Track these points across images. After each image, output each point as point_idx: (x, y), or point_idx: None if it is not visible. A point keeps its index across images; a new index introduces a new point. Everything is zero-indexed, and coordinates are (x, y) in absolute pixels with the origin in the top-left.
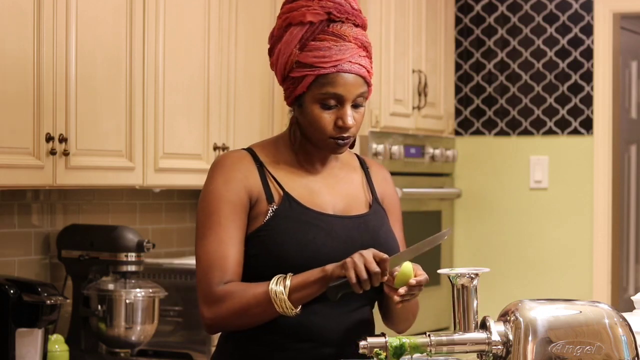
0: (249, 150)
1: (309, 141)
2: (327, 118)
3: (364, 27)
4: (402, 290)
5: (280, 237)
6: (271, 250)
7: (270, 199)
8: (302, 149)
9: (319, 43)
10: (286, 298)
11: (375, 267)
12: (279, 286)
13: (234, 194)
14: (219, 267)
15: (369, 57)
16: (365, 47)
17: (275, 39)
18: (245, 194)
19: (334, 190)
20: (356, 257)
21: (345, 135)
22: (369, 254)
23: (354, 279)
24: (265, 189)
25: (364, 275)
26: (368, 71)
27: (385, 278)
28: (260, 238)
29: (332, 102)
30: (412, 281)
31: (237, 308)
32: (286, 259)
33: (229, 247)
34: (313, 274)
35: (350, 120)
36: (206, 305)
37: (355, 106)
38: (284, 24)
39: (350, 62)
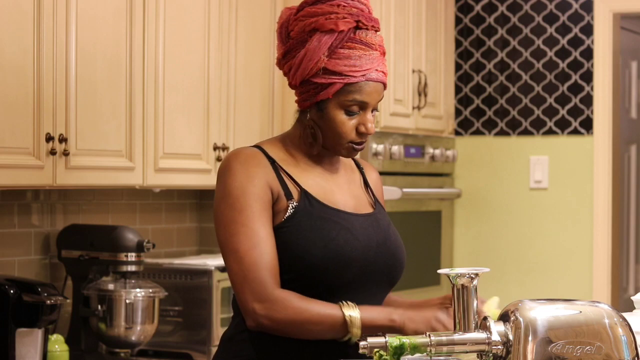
0: (259, 147)
1: (325, 145)
2: (350, 124)
3: (379, 30)
4: None
5: (303, 234)
6: (293, 247)
7: (288, 195)
8: (310, 149)
9: (348, 51)
10: (360, 327)
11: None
12: (354, 313)
13: (260, 189)
14: (267, 266)
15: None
16: (385, 53)
17: (294, 42)
18: (269, 189)
19: (342, 189)
20: (443, 320)
21: (364, 139)
22: (446, 319)
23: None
24: (283, 185)
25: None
26: (386, 76)
27: None
28: (282, 235)
29: (356, 109)
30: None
31: (297, 319)
32: (308, 255)
33: (269, 245)
34: (379, 318)
35: (372, 127)
36: (260, 303)
37: (372, 110)
38: (308, 29)
39: (376, 70)
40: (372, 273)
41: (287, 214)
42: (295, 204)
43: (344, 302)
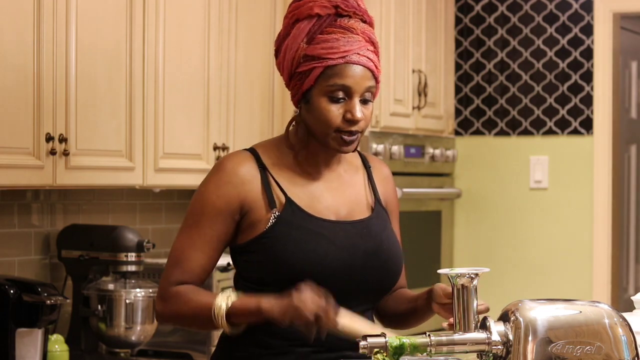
0: (253, 151)
1: (315, 139)
2: (335, 111)
3: (371, 25)
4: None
5: (283, 245)
6: (274, 258)
7: (272, 204)
8: (305, 150)
9: (326, 36)
10: (224, 317)
11: (322, 303)
12: (222, 302)
13: (222, 200)
14: (181, 266)
15: (377, 54)
16: (373, 43)
17: (282, 37)
18: (237, 201)
19: (336, 194)
20: (296, 301)
21: (353, 129)
22: (308, 295)
23: (309, 324)
24: (268, 194)
25: (311, 319)
26: (376, 66)
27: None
28: (263, 245)
29: (340, 95)
30: None
31: (181, 312)
32: (290, 266)
33: (197, 250)
34: (250, 303)
35: (359, 113)
36: (159, 299)
37: (364, 102)
38: (291, 21)
39: (358, 54)
40: (359, 282)
41: (269, 223)
42: (277, 213)
43: (229, 291)
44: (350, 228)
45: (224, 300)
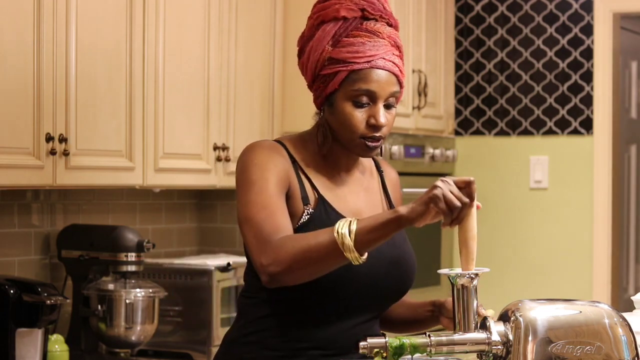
0: (280, 142)
1: (339, 143)
2: (359, 116)
3: (396, 28)
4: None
5: None
6: None
7: (305, 199)
8: (329, 153)
9: (352, 39)
10: (353, 246)
11: (464, 197)
12: (344, 230)
13: (280, 171)
14: (272, 224)
15: (401, 58)
16: (398, 47)
17: (306, 38)
18: (287, 179)
19: (358, 198)
20: (442, 186)
21: (376, 134)
22: (451, 182)
23: (447, 212)
24: (301, 187)
25: (457, 203)
26: (401, 71)
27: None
28: None
29: (365, 100)
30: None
31: (297, 252)
32: None
33: (279, 207)
34: (383, 215)
35: (382, 119)
36: (264, 254)
37: (387, 106)
38: (316, 22)
39: (383, 58)
40: (380, 289)
41: (302, 219)
42: (311, 210)
43: (345, 219)
44: None
45: (345, 226)
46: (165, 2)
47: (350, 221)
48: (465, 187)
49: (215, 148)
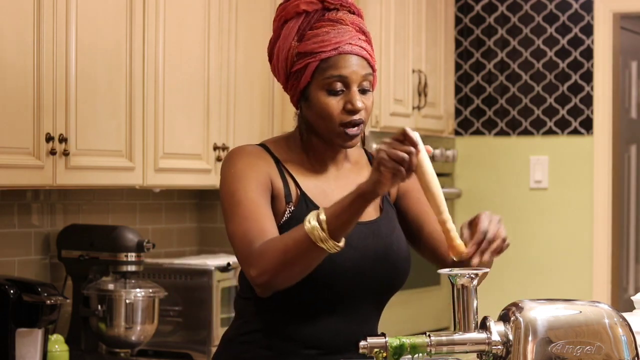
0: (263, 146)
1: (319, 136)
2: (335, 104)
3: (360, 15)
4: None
5: None
6: None
7: (288, 197)
8: (312, 149)
9: (316, 30)
10: (326, 235)
11: (407, 147)
12: (313, 222)
13: (260, 174)
14: (255, 230)
15: (369, 43)
16: (364, 32)
17: (273, 41)
18: (270, 181)
19: (345, 192)
20: (383, 147)
21: (355, 118)
22: (389, 140)
23: (398, 167)
24: (284, 185)
25: (402, 155)
26: (370, 55)
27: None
28: None
29: (339, 86)
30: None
31: (278, 256)
32: None
33: (261, 215)
34: (347, 196)
35: (359, 103)
36: (251, 267)
37: (363, 91)
38: (280, 23)
39: (350, 44)
40: (369, 283)
41: (284, 218)
42: (292, 208)
43: (313, 212)
44: (362, 228)
45: (314, 219)
46: (165, 2)
47: (318, 212)
48: (405, 139)
49: (215, 148)
